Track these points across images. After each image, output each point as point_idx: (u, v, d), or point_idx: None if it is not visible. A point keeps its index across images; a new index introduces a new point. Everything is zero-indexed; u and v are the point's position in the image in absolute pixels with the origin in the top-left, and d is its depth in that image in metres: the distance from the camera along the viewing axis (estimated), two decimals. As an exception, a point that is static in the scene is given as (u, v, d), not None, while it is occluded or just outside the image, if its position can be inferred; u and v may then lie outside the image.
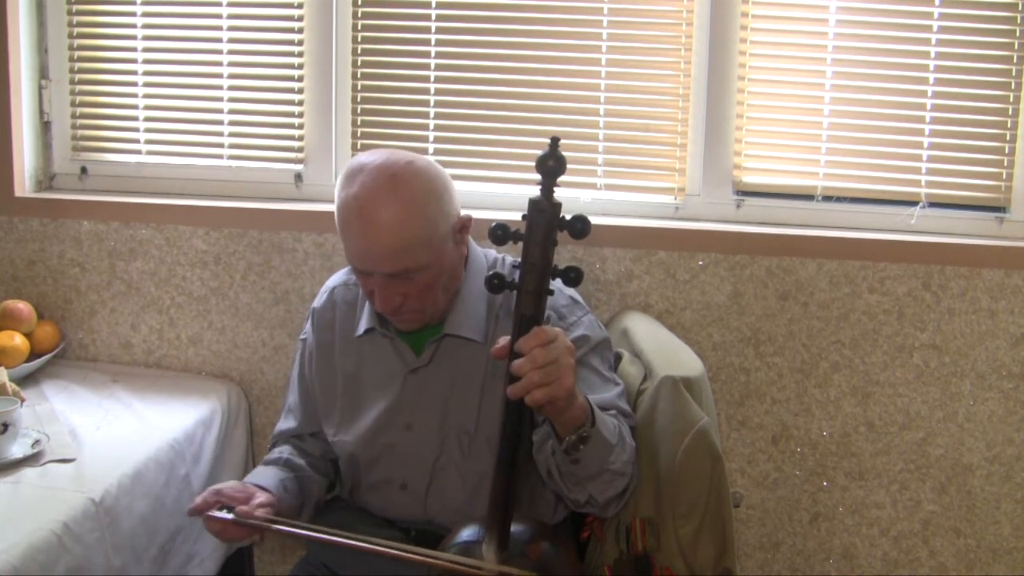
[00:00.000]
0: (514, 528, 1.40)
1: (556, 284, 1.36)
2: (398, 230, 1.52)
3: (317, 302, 1.82)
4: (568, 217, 1.33)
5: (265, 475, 1.66)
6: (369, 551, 1.40)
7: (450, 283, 1.65)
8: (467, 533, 1.45)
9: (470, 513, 1.56)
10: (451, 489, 1.64)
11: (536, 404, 1.32)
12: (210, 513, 1.50)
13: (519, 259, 1.35)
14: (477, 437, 1.62)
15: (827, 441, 2.14)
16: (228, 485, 1.57)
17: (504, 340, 1.36)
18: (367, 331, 1.70)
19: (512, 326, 1.35)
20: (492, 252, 1.76)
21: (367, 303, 1.72)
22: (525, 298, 1.33)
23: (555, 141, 1.33)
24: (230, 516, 1.49)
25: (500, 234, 1.35)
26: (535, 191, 1.34)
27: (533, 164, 1.34)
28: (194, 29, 2.32)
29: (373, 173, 1.55)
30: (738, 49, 2.13)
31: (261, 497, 1.54)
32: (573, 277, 1.34)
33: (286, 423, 1.82)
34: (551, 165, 1.32)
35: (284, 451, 1.76)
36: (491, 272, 1.37)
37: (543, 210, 1.32)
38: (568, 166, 2.16)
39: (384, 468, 1.68)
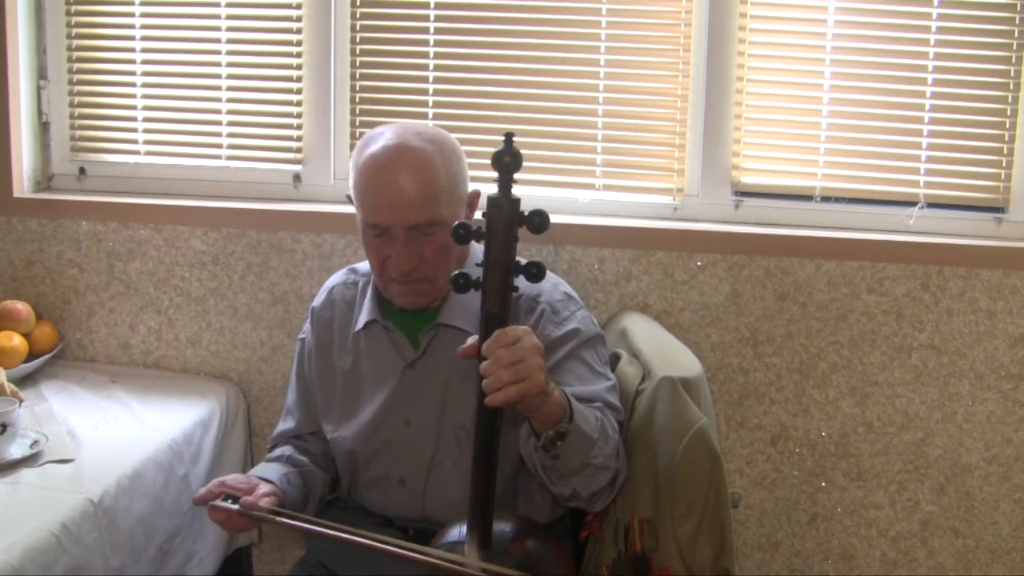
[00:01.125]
0: (498, 526, 1.40)
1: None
2: (424, 178, 1.56)
3: (316, 301, 1.83)
4: (526, 213, 1.32)
5: (269, 469, 1.67)
6: (371, 547, 1.40)
7: (461, 258, 1.67)
8: (453, 533, 1.45)
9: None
10: (448, 484, 1.64)
11: (508, 403, 1.32)
12: (215, 503, 1.51)
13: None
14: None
15: (826, 441, 2.14)
16: (233, 476, 1.58)
17: (472, 339, 1.37)
18: (367, 324, 1.71)
19: (479, 325, 1.35)
20: None
21: (368, 297, 1.73)
22: (490, 296, 1.33)
23: (509, 136, 1.33)
24: (235, 506, 1.49)
25: (462, 233, 1.35)
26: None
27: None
28: (192, 30, 2.32)
29: (397, 130, 1.61)
30: (736, 50, 2.13)
31: (265, 488, 1.55)
32: (535, 273, 1.33)
33: (285, 424, 1.83)
34: (507, 161, 1.32)
35: (286, 450, 1.77)
36: (457, 272, 1.36)
37: (501, 207, 1.32)
38: (567, 166, 2.21)
39: (382, 464, 1.69)
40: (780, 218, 2.18)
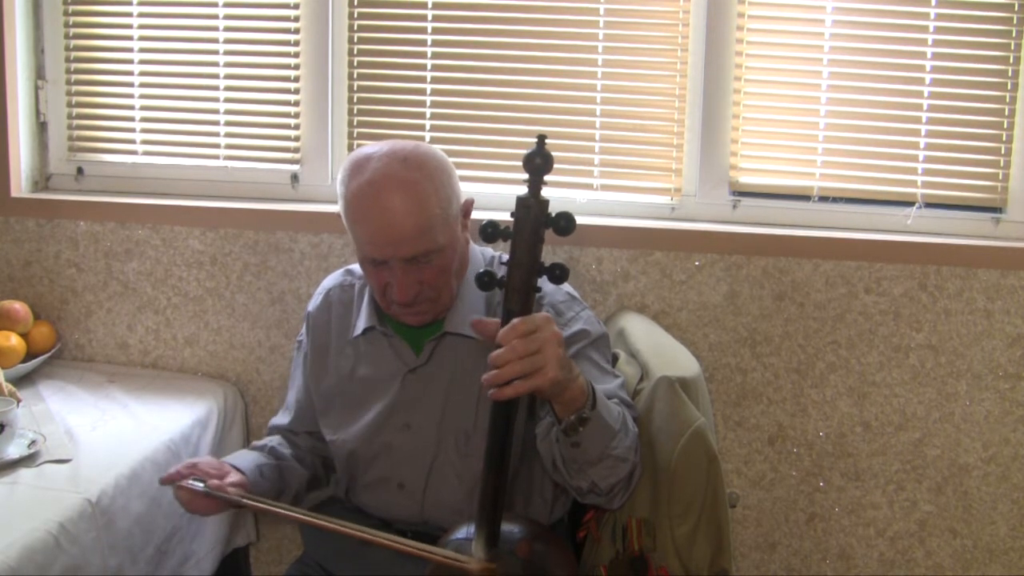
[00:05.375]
0: (505, 527, 1.40)
1: (550, 282, 1.36)
2: (417, 210, 1.53)
3: (312, 304, 1.82)
4: (553, 214, 1.33)
5: (244, 457, 1.68)
6: (346, 534, 1.41)
7: (461, 269, 1.65)
8: (460, 532, 1.46)
9: (467, 513, 1.56)
10: (448, 489, 1.64)
11: (517, 395, 1.31)
12: (182, 483, 1.53)
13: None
14: (475, 437, 1.62)
15: (823, 441, 2.14)
16: (205, 460, 1.60)
17: (494, 323, 1.36)
18: (366, 330, 1.70)
19: (500, 323, 1.35)
20: (488, 250, 1.76)
21: (365, 302, 1.72)
22: (512, 295, 1.34)
23: (541, 139, 1.34)
24: (200, 486, 1.52)
25: (490, 231, 1.36)
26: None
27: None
28: (190, 30, 2.32)
29: (383, 159, 1.56)
30: (734, 49, 2.13)
31: (234, 477, 1.57)
32: (559, 274, 1.34)
33: (282, 417, 1.84)
34: (538, 163, 1.33)
35: (272, 440, 1.78)
36: (482, 270, 1.37)
37: (529, 207, 1.33)
38: (565, 166, 2.21)
39: (382, 467, 1.68)
40: (778, 218, 2.18)
